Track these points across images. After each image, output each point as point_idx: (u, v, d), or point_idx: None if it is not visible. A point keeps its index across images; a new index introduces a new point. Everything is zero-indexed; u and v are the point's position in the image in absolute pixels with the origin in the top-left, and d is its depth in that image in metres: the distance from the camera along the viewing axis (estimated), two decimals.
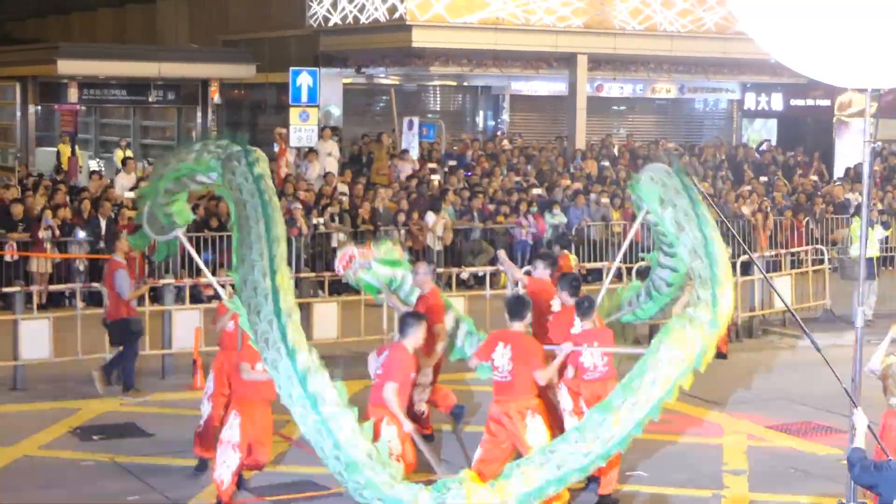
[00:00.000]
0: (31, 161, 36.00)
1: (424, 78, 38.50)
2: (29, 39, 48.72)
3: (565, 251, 21.33)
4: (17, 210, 23.46)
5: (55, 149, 35.96)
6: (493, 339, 12.59)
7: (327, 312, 19.70)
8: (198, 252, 23.07)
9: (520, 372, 12.25)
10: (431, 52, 34.34)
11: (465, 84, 40.12)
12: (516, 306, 12.59)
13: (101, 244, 23.01)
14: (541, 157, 34.09)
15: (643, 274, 17.19)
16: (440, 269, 23.04)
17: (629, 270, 22.34)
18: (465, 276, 24.70)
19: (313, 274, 22.70)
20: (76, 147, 35.30)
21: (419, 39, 33.11)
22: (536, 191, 29.69)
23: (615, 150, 36.06)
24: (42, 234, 22.82)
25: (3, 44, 47.32)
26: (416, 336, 12.20)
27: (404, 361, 11.99)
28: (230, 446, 12.41)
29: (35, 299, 19.85)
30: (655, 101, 42.23)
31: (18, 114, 37.48)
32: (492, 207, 27.77)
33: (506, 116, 40.44)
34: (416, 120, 33.35)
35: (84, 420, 16.04)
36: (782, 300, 11.82)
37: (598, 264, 24.35)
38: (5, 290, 19.26)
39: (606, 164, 33.88)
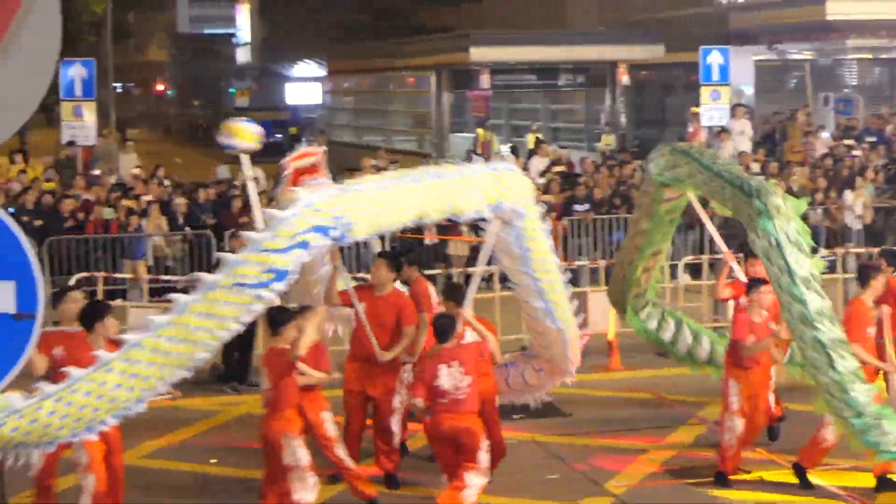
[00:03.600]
0: (445, 147, 37.09)
1: (840, 52, 37.22)
2: (441, 28, 50.22)
3: None
4: None
5: (470, 135, 36.89)
6: None
7: None
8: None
9: None
10: (847, 24, 33.15)
11: (884, 56, 38.53)
12: None
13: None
14: None
15: None
16: (859, 249, 22.23)
17: None
18: None
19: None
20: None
21: (834, 12, 32.07)
22: None
23: None
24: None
25: (419, 33, 49.01)
26: None
27: None
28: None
29: (455, 281, 20.41)
30: None
31: (433, 101, 38.69)
32: None
33: None
34: (831, 95, 32.30)
35: None
36: None
37: None
38: (426, 272, 19.92)
39: None
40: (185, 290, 17.62)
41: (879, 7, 32.02)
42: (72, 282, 18.36)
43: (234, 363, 17.26)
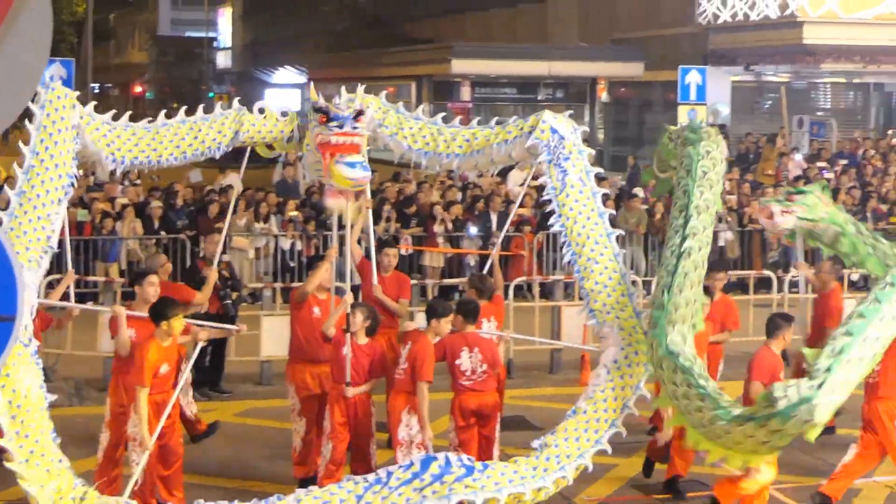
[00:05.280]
0: None
1: (815, 75, 37.52)
2: (425, 39, 50.30)
3: None
4: (412, 207, 24.28)
5: None
6: None
7: None
8: None
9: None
10: (823, 48, 33.42)
11: (857, 81, 38.83)
12: None
13: (493, 239, 23.51)
14: None
15: None
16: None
17: None
18: (855, 276, 23.83)
19: None
20: None
21: (811, 36, 32.36)
22: None
23: None
24: (436, 229, 23.49)
25: (401, 44, 49.05)
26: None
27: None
28: None
29: (429, 292, 20.51)
30: None
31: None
32: (884, 208, 26.78)
33: None
34: (806, 118, 32.56)
35: None
36: None
37: None
38: None
39: None
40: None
41: (854, 33, 32.33)
42: (44, 284, 18.27)
43: (206, 369, 17.23)
